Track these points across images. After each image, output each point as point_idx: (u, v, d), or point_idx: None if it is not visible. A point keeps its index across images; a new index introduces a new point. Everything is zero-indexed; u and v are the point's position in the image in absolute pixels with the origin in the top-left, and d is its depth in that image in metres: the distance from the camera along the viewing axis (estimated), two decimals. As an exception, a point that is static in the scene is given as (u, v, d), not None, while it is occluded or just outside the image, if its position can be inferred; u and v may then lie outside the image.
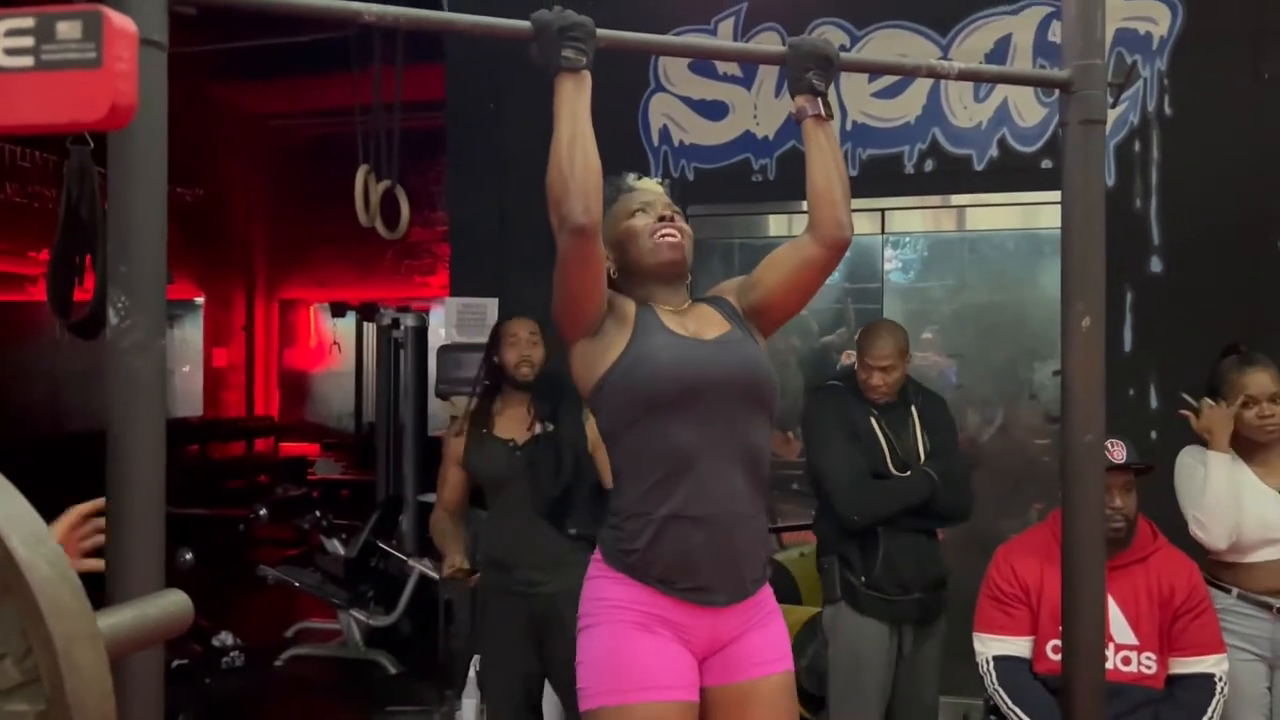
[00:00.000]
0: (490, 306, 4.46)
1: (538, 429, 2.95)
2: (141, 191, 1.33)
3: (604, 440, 1.83)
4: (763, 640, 1.79)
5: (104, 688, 0.65)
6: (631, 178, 1.92)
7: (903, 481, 2.83)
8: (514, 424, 2.99)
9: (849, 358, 4.45)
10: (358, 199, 3.49)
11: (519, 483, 2.93)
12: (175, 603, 0.95)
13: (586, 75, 1.58)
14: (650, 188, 1.91)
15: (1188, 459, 2.72)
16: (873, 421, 2.88)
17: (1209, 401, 2.68)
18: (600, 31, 1.56)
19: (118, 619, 0.92)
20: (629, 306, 1.81)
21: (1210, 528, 2.60)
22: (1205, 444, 2.68)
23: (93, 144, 1.77)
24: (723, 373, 1.74)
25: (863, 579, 2.83)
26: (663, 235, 1.83)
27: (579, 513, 2.89)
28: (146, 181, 1.33)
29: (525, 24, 1.52)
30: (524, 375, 2.96)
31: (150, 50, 1.31)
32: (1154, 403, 3.76)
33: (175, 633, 1.03)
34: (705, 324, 1.83)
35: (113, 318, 1.33)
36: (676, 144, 4.27)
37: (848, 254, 1.90)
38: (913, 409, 2.94)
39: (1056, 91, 1.74)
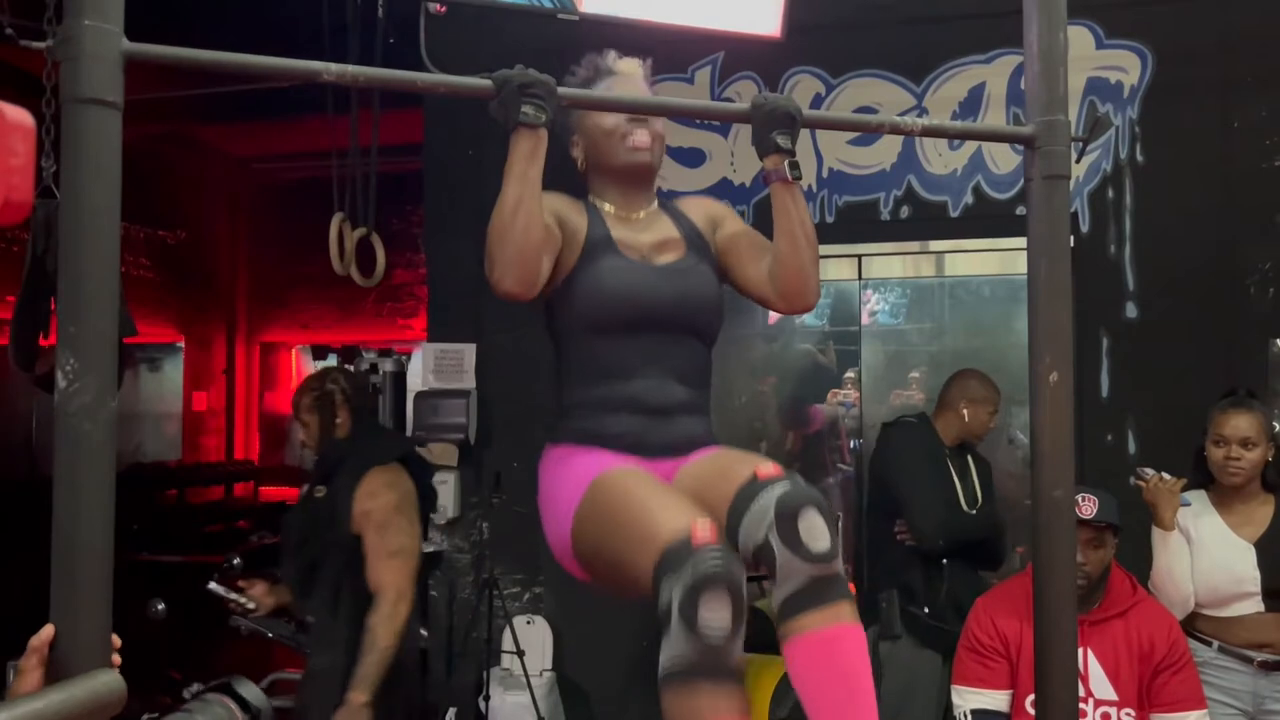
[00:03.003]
0: (468, 352, 4.43)
1: (305, 490, 2.75)
2: (92, 253, 1.30)
3: (553, 340, 1.82)
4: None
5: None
6: (612, 57, 1.86)
7: (973, 517, 3.07)
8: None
9: (834, 396, 4.62)
10: (332, 247, 3.47)
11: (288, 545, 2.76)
12: (105, 684, 0.91)
13: (543, 135, 1.56)
14: (631, 73, 1.86)
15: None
16: (948, 461, 3.13)
17: (1154, 473, 2.69)
18: (561, 90, 1.56)
19: (43, 704, 0.89)
20: (579, 220, 1.79)
21: (1162, 600, 2.61)
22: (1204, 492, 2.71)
23: (59, 197, 1.76)
24: (664, 300, 1.75)
25: (926, 609, 2.99)
26: (633, 140, 1.80)
27: (318, 599, 2.63)
28: (98, 242, 1.30)
29: (487, 82, 1.51)
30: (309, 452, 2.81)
31: (102, 110, 1.29)
32: (1132, 448, 3.76)
33: (107, 715, 1.00)
34: (659, 243, 1.82)
35: (61, 380, 1.29)
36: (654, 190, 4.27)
37: (826, 298, 1.88)
38: (969, 458, 3.20)
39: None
